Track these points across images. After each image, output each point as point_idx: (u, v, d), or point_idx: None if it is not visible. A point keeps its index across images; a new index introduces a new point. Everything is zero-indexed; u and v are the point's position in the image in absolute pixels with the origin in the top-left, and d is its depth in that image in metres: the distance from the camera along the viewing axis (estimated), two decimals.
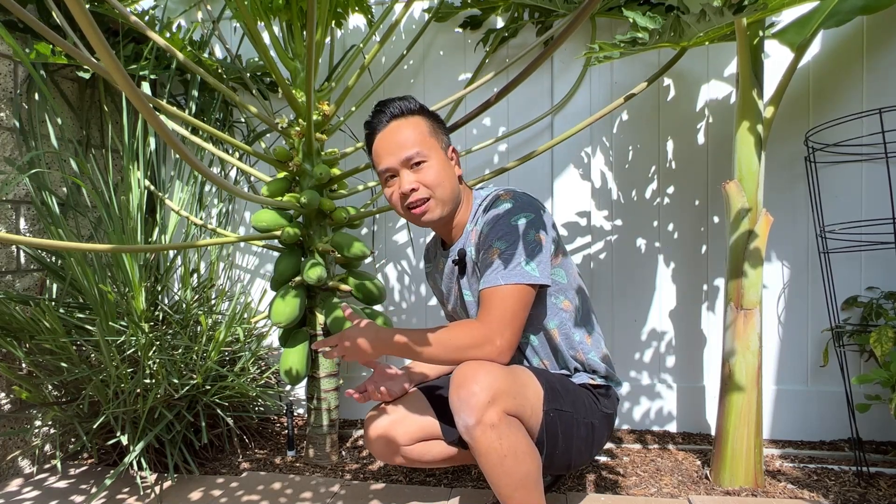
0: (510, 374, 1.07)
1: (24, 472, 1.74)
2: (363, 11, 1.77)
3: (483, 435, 1.02)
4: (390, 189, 1.21)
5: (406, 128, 1.18)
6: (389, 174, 1.19)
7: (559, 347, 1.22)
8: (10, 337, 1.57)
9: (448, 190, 1.18)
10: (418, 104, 1.23)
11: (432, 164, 1.16)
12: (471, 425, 1.02)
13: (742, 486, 1.49)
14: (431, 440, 1.29)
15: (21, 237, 1.02)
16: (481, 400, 1.01)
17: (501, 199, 1.16)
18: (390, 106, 1.21)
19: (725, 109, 1.88)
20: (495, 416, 1.02)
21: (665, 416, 1.94)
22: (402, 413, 1.27)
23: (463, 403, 1.03)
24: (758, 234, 1.50)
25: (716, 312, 1.91)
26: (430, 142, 1.18)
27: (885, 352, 1.42)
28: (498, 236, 1.12)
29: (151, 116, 0.81)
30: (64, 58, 1.72)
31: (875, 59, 1.77)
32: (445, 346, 1.09)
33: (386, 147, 1.18)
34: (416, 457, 1.29)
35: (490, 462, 1.03)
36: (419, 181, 1.16)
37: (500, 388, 1.03)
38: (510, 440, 1.03)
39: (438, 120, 1.25)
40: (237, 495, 1.54)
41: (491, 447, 1.02)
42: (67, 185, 1.88)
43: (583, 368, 1.25)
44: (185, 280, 1.83)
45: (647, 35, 1.36)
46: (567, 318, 1.22)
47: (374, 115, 1.23)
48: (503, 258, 1.10)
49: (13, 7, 1.05)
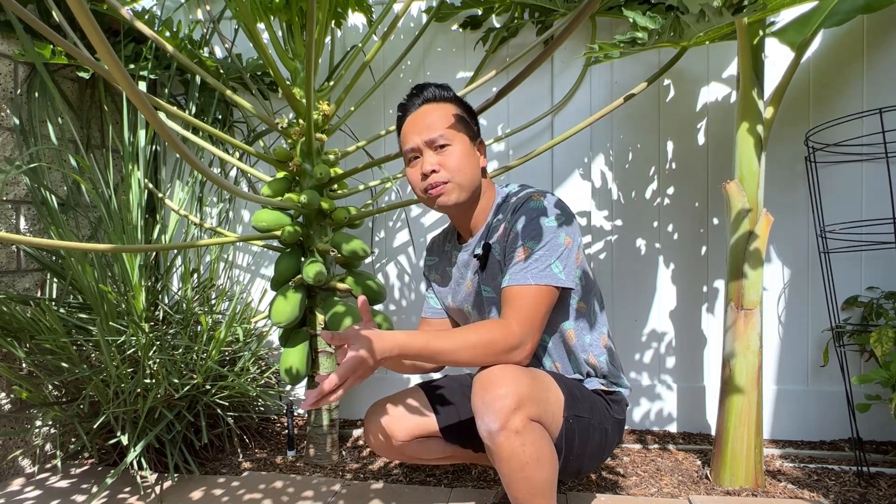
0: (535, 380, 1.06)
1: (25, 472, 1.74)
2: (363, 11, 1.77)
3: (507, 441, 1.00)
4: (412, 169, 1.21)
5: (436, 111, 1.19)
6: (413, 154, 1.20)
7: (573, 350, 1.22)
8: (10, 337, 1.57)
9: (468, 177, 1.18)
10: (453, 93, 1.24)
11: (455, 150, 1.17)
12: (494, 430, 1.00)
13: (742, 486, 1.49)
14: (430, 437, 1.29)
15: (21, 237, 1.02)
16: (507, 405, 0.99)
17: (535, 199, 1.16)
18: (426, 90, 1.22)
19: (725, 109, 1.88)
20: (520, 423, 1.00)
21: (665, 416, 1.94)
22: (402, 410, 1.27)
23: (488, 408, 1.00)
24: (758, 234, 1.50)
25: (715, 313, 1.91)
26: (457, 128, 1.19)
27: (886, 352, 1.42)
28: (530, 236, 1.12)
29: (152, 116, 0.81)
30: (64, 58, 1.72)
31: (875, 58, 1.76)
32: (477, 349, 1.05)
33: (413, 127, 1.19)
34: (415, 454, 1.29)
35: (511, 468, 1.01)
36: (441, 164, 1.17)
37: (526, 394, 1.01)
38: (533, 447, 1.01)
39: (470, 111, 1.26)
40: (238, 494, 1.54)
41: (514, 453, 1.00)
42: (67, 185, 1.88)
43: (595, 373, 1.25)
44: (185, 280, 1.83)
45: (647, 35, 1.36)
46: (582, 320, 1.23)
47: (408, 98, 1.25)
48: (534, 258, 1.10)
49: (13, 6, 1.05)
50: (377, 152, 2.12)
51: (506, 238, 1.18)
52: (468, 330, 1.07)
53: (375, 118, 2.12)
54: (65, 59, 1.72)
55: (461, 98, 1.26)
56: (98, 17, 1.85)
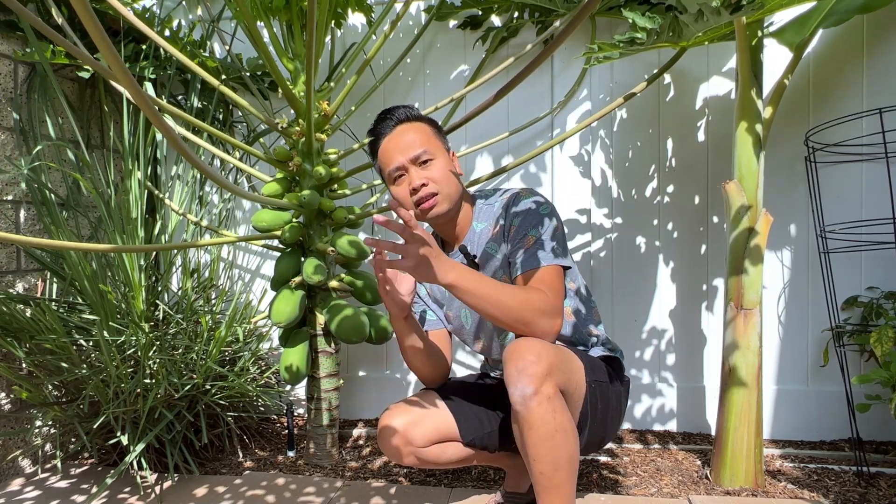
0: (559, 350, 1.10)
1: (25, 472, 1.74)
2: (363, 11, 1.77)
3: (539, 406, 1.02)
4: (399, 187, 1.26)
5: (412, 130, 1.26)
6: (399, 173, 1.25)
7: (574, 327, 1.31)
8: (10, 337, 1.57)
9: (453, 187, 1.25)
10: (419, 112, 1.32)
11: (438, 163, 1.24)
12: (529, 394, 1.02)
13: (742, 486, 1.49)
14: (447, 442, 1.29)
15: (21, 237, 1.02)
16: (539, 370, 1.02)
17: (523, 195, 1.25)
18: (395, 112, 1.29)
19: (725, 108, 1.88)
20: (551, 389, 1.03)
21: (665, 415, 1.94)
22: (419, 414, 1.27)
23: (521, 373, 1.03)
24: (758, 233, 1.50)
25: (715, 312, 1.91)
26: (435, 143, 1.26)
27: (886, 352, 1.42)
28: (532, 225, 1.20)
29: (153, 115, 0.81)
30: (64, 58, 1.72)
31: (875, 58, 1.77)
32: (516, 299, 1.07)
33: (395, 147, 1.25)
34: (432, 458, 1.28)
35: (539, 435, 1.03)
36: (427, 177, 1.22)
37: (554, 363, 1.05)
38: (562, 416, 1.04)
39: (438, 126, 1.33)
40: (238, 493, 1.54)
41: (545, 420, 1.03)
42: (67, 185, 1.88)
43: (597, 341, 1.34)
44: (185, 280, 1.83)
45: (646, 35, 1.36)
46: (575, 298, 1.32)
47: (378, 122, 1.30)
48: (540, 243, 1.18)
49: (14, 6, 1.05)
50: None
51: (503, 235, 1.24)
52: (507, 285, 1.11)
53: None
54: (65, 59, 1.72)
55: (427, 116, 1.34)
56: (98, 16, 1.85)
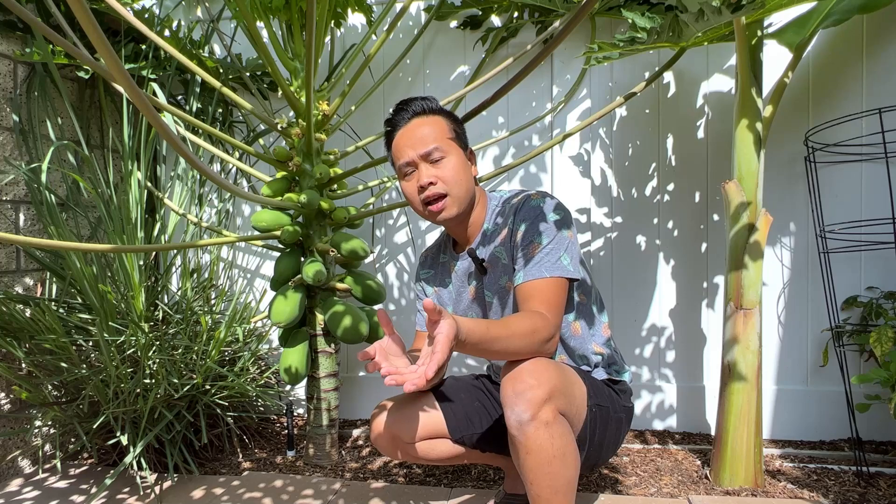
0: (562, 372, 1.06)
1: (24, 472, 1.74)
2: (363, 11, 1.77)
3: (536, 432, 0.98)
4: (408, 183, 1.22)
5: (427, 124, 1.20)
6: (409, 168, 1.21)
7: (580, 341, 1.24)
8: (10, 337, 1.57)
9: (464, 188, 1.20)
10: (439, 105, 1.25)
11: (450, 161, 1.19)
12: (525, 420, 0.98)
13: (742, 485, 1.49)
14: (437, 438, 1.29)
15: (21, 237, 1.02)
16: (538, 395, 0.98)
17: (533, 198, 1.19)
18: (413, 104, 1.23)
19: (725, 107, 1.88)
20: (550, 414, 0.99)
21: (665, 411, 1.94)
22: (409, 411, 1.27)
23: (519, 397, 0.99)
24: (757, 233, 1.50)
25: (715, 310, 1.91)
26: (450, 140, 1.21)
27: (885, 352, 1.42)
28: (538, 231, 1.15)
29: (152, 115, 0.81)
30: (64, 58, 1.72)
31: (875, 58, 1.77)
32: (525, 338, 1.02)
33: (407, 141, 1.20)
34: (422, 454, 1.28)
35: (536, 461, 1.00)
36: (437, 176, 1.18)
37: (556, 386, 1.01)
38: (561, 441, 1.00)
39: (458, 121, 1.27)
40: (238, 493, 1.54)
41: (542, 446, 0.99)
42: (67, 185, 1.88)
43: (602, 361, 1.27)
44: (184, 280, 1.83)
45: (646, 34, 1.36)
46: (584, 312, 1.25)
47: (396, 113, 1.25)
48: (544, 252, 1.13)
49: (13, 6, 1.05)
50: (377, 152, 2.12)
51: (510, 240, 1.19)
52: (514, 318, 1.05)
53: (375, 118, 2.11)
54: (64, 58, 1.72)
55: (447, 109, 1.27)
56: (97, 16, 1.85)
